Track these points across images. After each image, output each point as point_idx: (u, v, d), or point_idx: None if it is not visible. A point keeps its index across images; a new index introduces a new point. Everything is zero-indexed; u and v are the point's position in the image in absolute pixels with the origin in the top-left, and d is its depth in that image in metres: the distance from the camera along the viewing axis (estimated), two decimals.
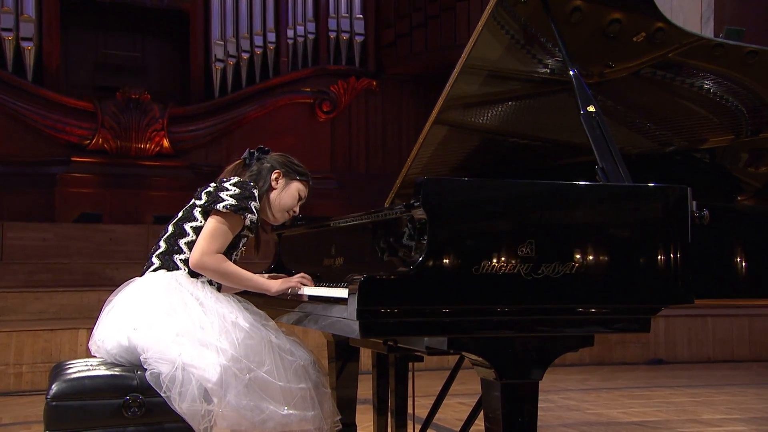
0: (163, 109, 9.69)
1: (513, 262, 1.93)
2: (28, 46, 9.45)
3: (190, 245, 2.50)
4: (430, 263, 1.90)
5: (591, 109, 2.37)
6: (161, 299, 2.37)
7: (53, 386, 2.18)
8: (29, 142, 9.30)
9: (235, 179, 2.56)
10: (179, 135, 9.81)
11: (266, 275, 2.80)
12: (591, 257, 1.99)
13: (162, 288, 2.41)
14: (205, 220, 2.50)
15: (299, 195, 2.74)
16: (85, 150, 9.47)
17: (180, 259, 2.50)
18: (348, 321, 1.95)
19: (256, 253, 2.73)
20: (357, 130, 10.87)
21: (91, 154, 9.47)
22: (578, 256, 1.98)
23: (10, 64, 9.36)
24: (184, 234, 2.51)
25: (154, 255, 2.53)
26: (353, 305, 1.89)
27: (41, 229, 8.02)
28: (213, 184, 2.56)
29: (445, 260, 1.91)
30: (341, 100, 10.67)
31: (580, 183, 2.08)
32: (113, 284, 7.78)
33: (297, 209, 2.75)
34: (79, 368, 2.29)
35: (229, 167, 2.71)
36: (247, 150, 2.72)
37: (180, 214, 2.58)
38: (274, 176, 2.66)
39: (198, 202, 2.53)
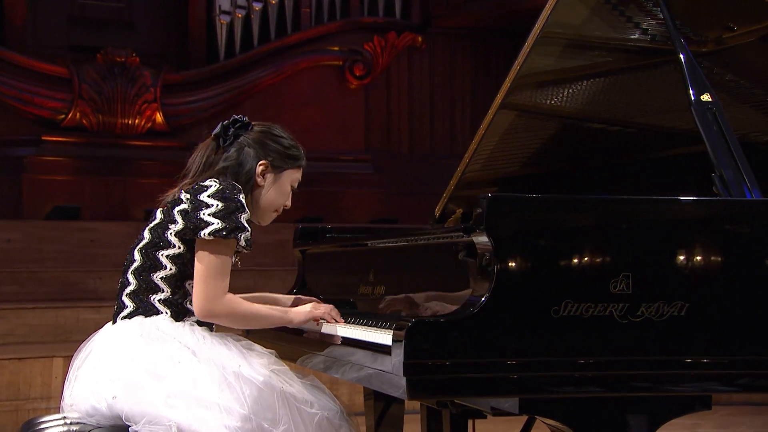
0: (155, 76, 9.75)
1: (604, 301, 1.93)
2: None
3: (170, 281, 2.49)
4: (497, 304, 1.90)
5: (706, 98, 2.34)
6: (142, 356, 2.37)
7: None
8: None
9: (213, 185, 2.48)
10: (176, 108, 9.87)
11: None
12: (706, 295, 1.98)
13: (141, 340, 2.40)
14: (184, 246, 2.47)
15: (292, 187, 2.69)
16: (58, 127, 9.56)
17: (159, 300, 2.49)
18: (391, 376, 1.96)
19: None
20: (398, 99, 10.83)
21: (67, 132, 9.56)
22: (689, 294, 1.97)
23: None
24: (159, 266, 2.49)
25: (124, 294, 2.52)
26: (399, 356, 1.90)
27: (5, 227, 8.10)
28: (186, 196, 2.49)
29: (515, 300, 1.91)
30: (378, 62, 10.64)
31: (690, 198, 2.07)
32: (96, 297, 7.77)
33: (289, 203, 2.70)
34: (54, 428, 2.31)
35: (197, 152, 2.63)
36: (220, 125, 2.63)
37: (146, 236, 2.52)
38: (259, 169, 2.60)
39: (173, 226, 2.48)
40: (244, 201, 2.48)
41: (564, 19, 2.77)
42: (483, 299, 1.90)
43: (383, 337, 2.12)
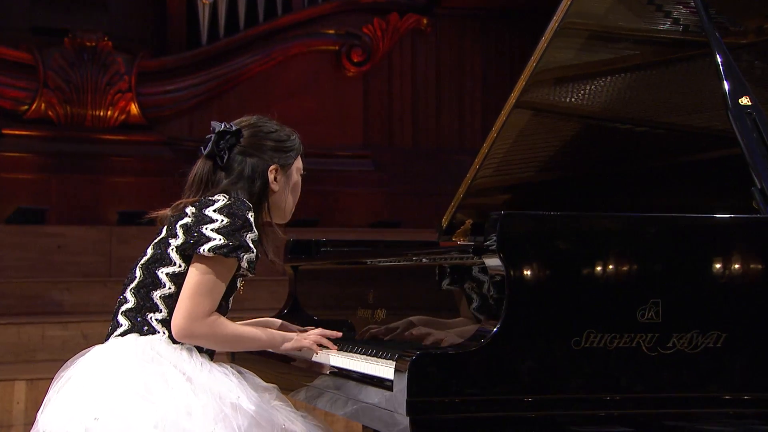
0: (129, 62, 9.76)
1: (630, 331, 1.92)
2: None
3: (168, 300, 2.51)
4: (512, 334, 1.90)
5: (745, 101, 2.33)
6: (133, 376, 2.37)
7: None
8: None
9: (220, 201, 2.52)
10: (153, 98, 9.89)
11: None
12: (745, 324, 1.98)
13: (133, 360, 2.41)
14: (186, 263, 2.50)
15: (302, 176, 2.79)
16: (21, 119, 9.57)
17: (156, 319, 2.51)
18: (391, 413, 1.96)
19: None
20: (400, 87, 10.85)
21: (31, 124, 9.58)
22: (726, 323, 1.96)
23: None
24: (158, 284, 2.52)
25: (120, 312, 2.54)
26: (401, 393, 1.90)
27: None
28: (191, 210, 2.53)
29: (532, 330, 1.91)
30: (378, 46, 10.65)
31: (726, 216, 2.06)
32: (62, 311, 7.76)
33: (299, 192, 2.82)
34: None
35: (194, 174, 2.66)
36: (210, 142, 2.65)
37: (149, 252, 2.57)
38: (271, 176, 2.66)
39: (173, 241, 2.52)
40: (252, 220, 2.52)
41: (586, 9, 2.78)
42: (495, 329, 1.90)
43: (383, 369, 2.12)
